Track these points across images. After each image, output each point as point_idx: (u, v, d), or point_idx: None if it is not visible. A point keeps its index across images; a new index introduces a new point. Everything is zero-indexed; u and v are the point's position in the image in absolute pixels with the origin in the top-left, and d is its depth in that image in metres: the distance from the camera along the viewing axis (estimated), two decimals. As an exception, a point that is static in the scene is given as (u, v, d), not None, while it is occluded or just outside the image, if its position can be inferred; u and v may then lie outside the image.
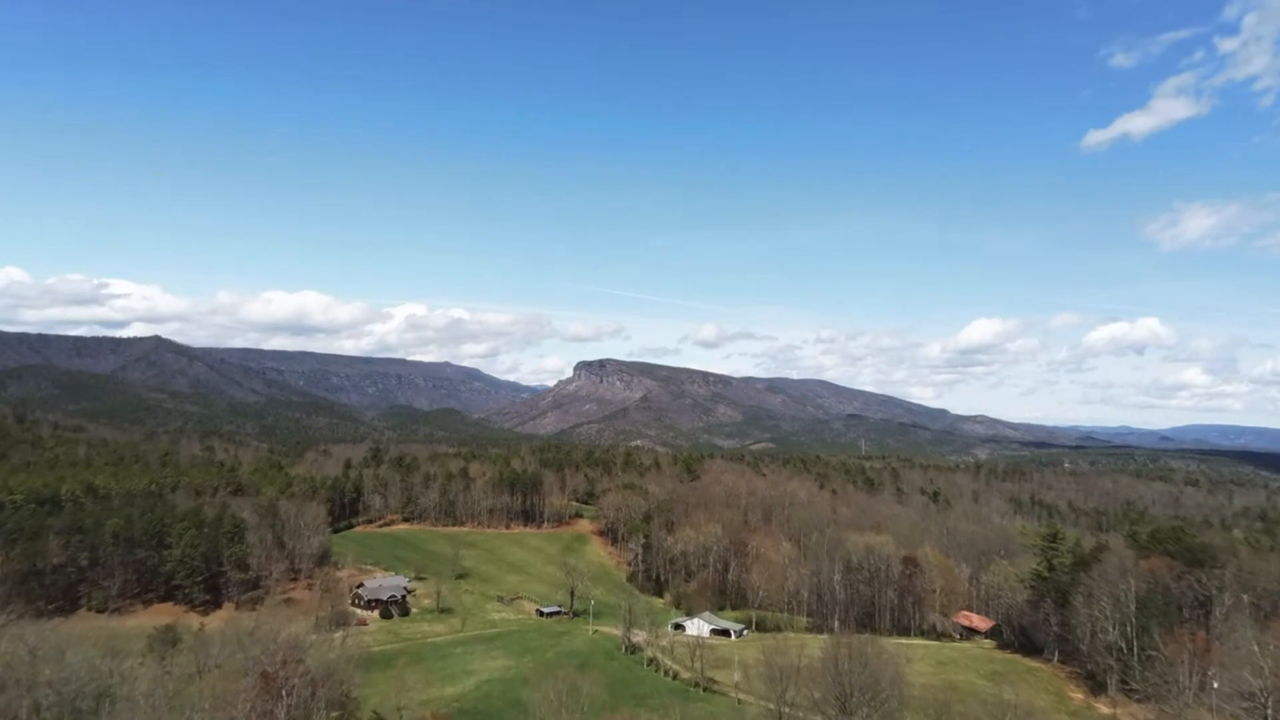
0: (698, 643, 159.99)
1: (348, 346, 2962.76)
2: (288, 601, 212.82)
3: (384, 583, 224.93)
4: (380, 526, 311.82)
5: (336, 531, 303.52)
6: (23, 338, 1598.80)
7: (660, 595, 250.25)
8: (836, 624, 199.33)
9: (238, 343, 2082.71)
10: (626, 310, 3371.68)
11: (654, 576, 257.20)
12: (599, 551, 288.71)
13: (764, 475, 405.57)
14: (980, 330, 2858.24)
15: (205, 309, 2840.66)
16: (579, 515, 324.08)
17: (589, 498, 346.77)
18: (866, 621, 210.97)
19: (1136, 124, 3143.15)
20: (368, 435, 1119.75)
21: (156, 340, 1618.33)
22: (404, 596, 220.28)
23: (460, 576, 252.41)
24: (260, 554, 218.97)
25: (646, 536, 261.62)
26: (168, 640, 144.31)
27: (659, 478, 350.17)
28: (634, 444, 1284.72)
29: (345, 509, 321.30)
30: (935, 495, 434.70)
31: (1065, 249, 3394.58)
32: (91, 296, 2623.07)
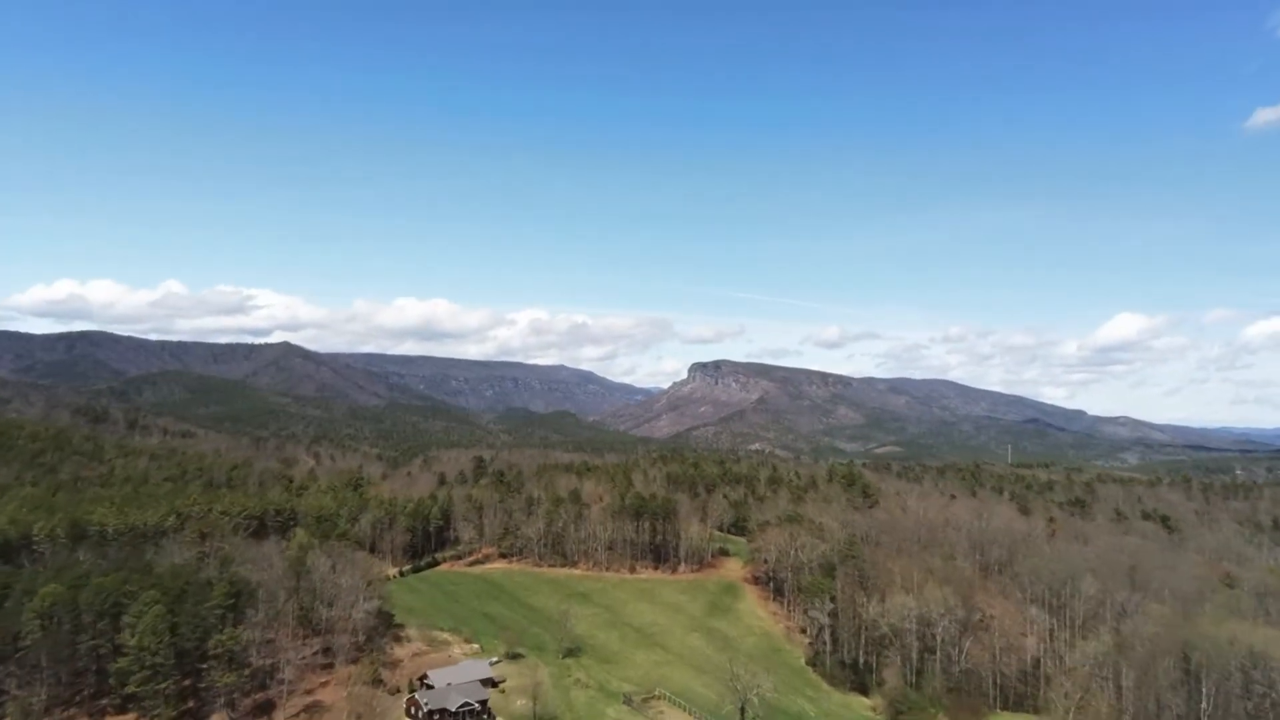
0: None
1: (472, 351, 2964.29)
2: (311, 710, 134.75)
3: (457, 678, 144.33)
4: (471, 564, 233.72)
5: (416, 571, 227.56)
6: (164, 345, 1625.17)
7: (863, 691, 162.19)
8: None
9: (368, 349, 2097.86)
10: (747, 313, 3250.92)
11: (849, 660, 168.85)
12: (758, 612, 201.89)
13: (952, 496, 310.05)
14: (1123, 326, 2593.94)
15: (342, 317, 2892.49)
16: (724, 551, 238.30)
17: (735, 528, 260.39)
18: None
19: None
20: (483, 439, 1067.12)
21: (286, 346, 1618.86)
22: (484, 705, 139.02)
23: (570, 654, 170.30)
24: (274, 634, 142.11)
25: (834, 599, 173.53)
26: None
27: (824, 504, 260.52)
28: (751, 448, 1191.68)
29: (430, 540, 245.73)
30: (1165, 521, 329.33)
31: (1222, 239, 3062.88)
32: (238, 307, 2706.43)
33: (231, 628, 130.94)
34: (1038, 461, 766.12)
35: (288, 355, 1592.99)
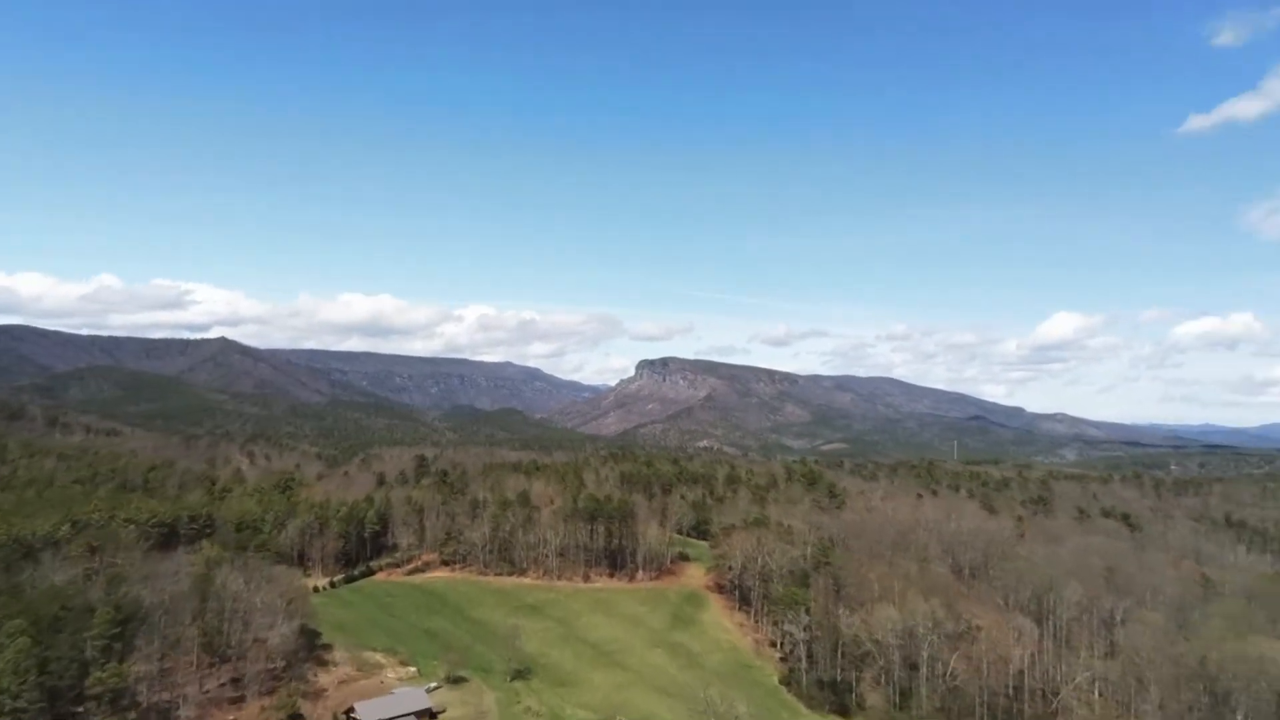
0: None
1: (418, 348, 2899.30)
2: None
3: (389, 711, 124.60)
4: (410, 573, 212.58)
5: (350, 581, 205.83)
6: (95, 340, 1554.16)
7: (844, 713, 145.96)
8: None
9: (310, 345, 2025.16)
10: (697, 310, 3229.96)
11: (826, 678, 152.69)
12: (724, 623, 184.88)
13: (919, 495, 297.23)
14: (1062, 325, 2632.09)
15: (285, 312, 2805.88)
16: (684, 556, 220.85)
17: (695, 531, 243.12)
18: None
19: (1244, 107, 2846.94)
20: (427, 436, 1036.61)
21: (224, 342, 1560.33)
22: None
23: (519, 676, 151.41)
24: (172, 665, 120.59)
25: (809, 611, 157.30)
26: None
27: (788, 505, 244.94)
28: (700, 445, 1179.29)
29: (366, 546, 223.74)
30: (1126, 519, 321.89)
31: (1157, 241, 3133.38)
32: (176, 301, 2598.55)
33: (117, 661, 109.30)
34: (985, 458, 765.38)
35: (226, 351, 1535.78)
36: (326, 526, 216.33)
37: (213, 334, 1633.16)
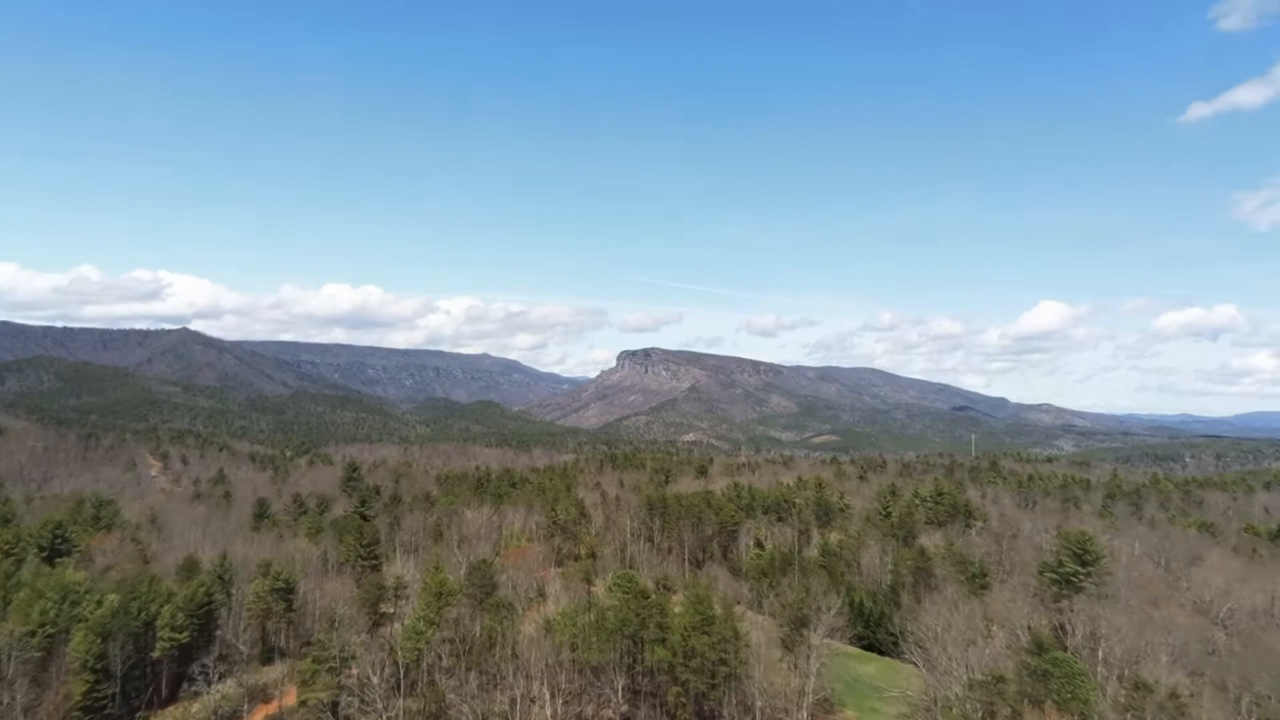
0: None
1: (399, 340, 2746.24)
2: None
3: None
4: None
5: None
6: (47, 331, 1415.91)
7: None
8: None
9: (288, 337, 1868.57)
10: (684, 301, 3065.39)
11: None
12: None
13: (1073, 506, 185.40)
14: (1047, 315, 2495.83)
15: (266, 304, 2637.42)
16: (830, 706, 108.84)
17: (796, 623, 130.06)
18: None
19: (1249, 95, 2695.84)
20: (396, 430, 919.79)
21: (185, 333, 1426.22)
22: None
23: None
24: None
25: None
26: None
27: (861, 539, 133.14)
28: (686, 438, 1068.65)
29: (155, 676, 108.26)
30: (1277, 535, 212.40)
31: (1146, 231, 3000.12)
32: (153, 293, 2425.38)
33: None
34: (1006, 451, 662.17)
35: (187, 342, 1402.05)
36: (73, 637, 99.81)
37: (193, 326, 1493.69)
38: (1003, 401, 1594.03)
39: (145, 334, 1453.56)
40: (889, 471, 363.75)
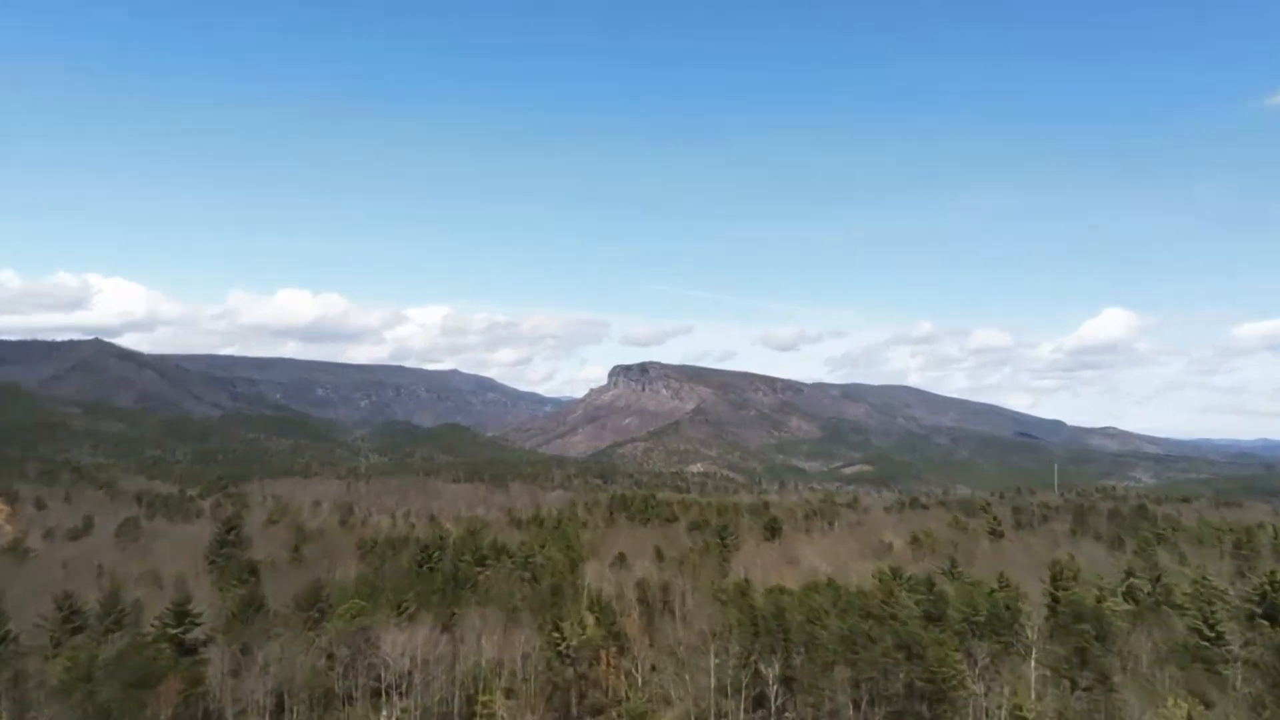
0: None
1: (360, 355, 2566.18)
2: None
3: None
4: None
5: None
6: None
7: None
8: None
9: (232, 351, 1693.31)
10: (693, 312, 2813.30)
11: None
12: None
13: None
14: (1112, 324, 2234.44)
15: (210, 314, 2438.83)
16: None
17: None
18: None
19: None
20: (344, 460, 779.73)
21: (98, 344, 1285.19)
22: None
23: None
24: None
25: None
26: None
27: None
28: (694, 469, 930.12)
29: None
30: None
31: (1220, 234, 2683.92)
32: (78, 300, 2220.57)
33: None
34: (1074, 484, 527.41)
35: (101, 355, 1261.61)
36: None
37: (128, 341, 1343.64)
38: (1058, 424, 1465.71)
39: (51, 346, 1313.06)
40: (1029, 518, 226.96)
